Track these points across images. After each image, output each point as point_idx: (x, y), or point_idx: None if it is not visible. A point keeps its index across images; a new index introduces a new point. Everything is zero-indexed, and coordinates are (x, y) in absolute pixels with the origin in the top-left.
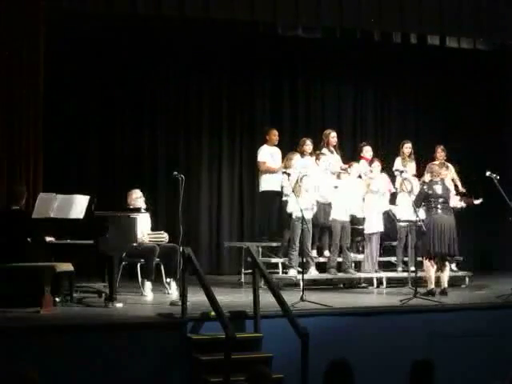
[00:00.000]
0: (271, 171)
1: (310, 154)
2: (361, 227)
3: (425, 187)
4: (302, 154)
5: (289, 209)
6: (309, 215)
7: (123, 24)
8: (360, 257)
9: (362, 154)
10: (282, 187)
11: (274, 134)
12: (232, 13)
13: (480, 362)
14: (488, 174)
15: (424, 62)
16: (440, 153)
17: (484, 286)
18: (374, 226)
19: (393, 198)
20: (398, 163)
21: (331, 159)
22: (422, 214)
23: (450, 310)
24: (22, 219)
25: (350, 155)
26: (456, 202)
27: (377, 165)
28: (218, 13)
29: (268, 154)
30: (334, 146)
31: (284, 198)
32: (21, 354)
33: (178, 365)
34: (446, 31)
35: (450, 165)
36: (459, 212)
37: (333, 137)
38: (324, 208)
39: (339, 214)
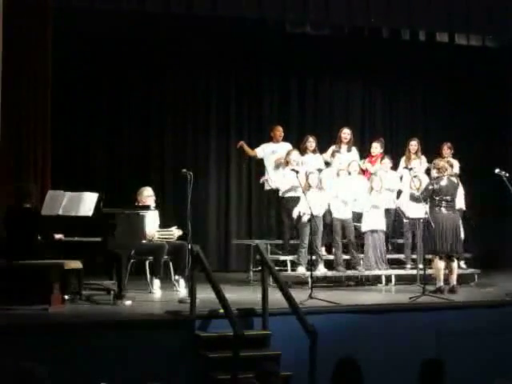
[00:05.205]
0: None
1: (313, 151)
2: (359, 224)
3: (432, 183)
4: (304, 151)
5: (298, 206)
6: (318, 212)
7: (131, 22)
8: (361, 255)
9: (371, 151)
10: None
11: (278, 130)
12: (240, 10)
13: (489, 359)
14: (497, 171)
15: (432, 59)
16: (446, 150)
17: (493, 283)
18: (371, 223)
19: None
20: (402, 162)
21: (344, 158)
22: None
23: (458, 308)
24: (34, 217)
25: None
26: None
27: (387, 161)
28: (226, 10)
29: (260, 149)
30: (348, 143)
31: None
32: (29, 352)
33: (186, 362)
34: (454, 28)
35: (455, 161)
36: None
37: (344, 133)
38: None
39: (338, 212)
